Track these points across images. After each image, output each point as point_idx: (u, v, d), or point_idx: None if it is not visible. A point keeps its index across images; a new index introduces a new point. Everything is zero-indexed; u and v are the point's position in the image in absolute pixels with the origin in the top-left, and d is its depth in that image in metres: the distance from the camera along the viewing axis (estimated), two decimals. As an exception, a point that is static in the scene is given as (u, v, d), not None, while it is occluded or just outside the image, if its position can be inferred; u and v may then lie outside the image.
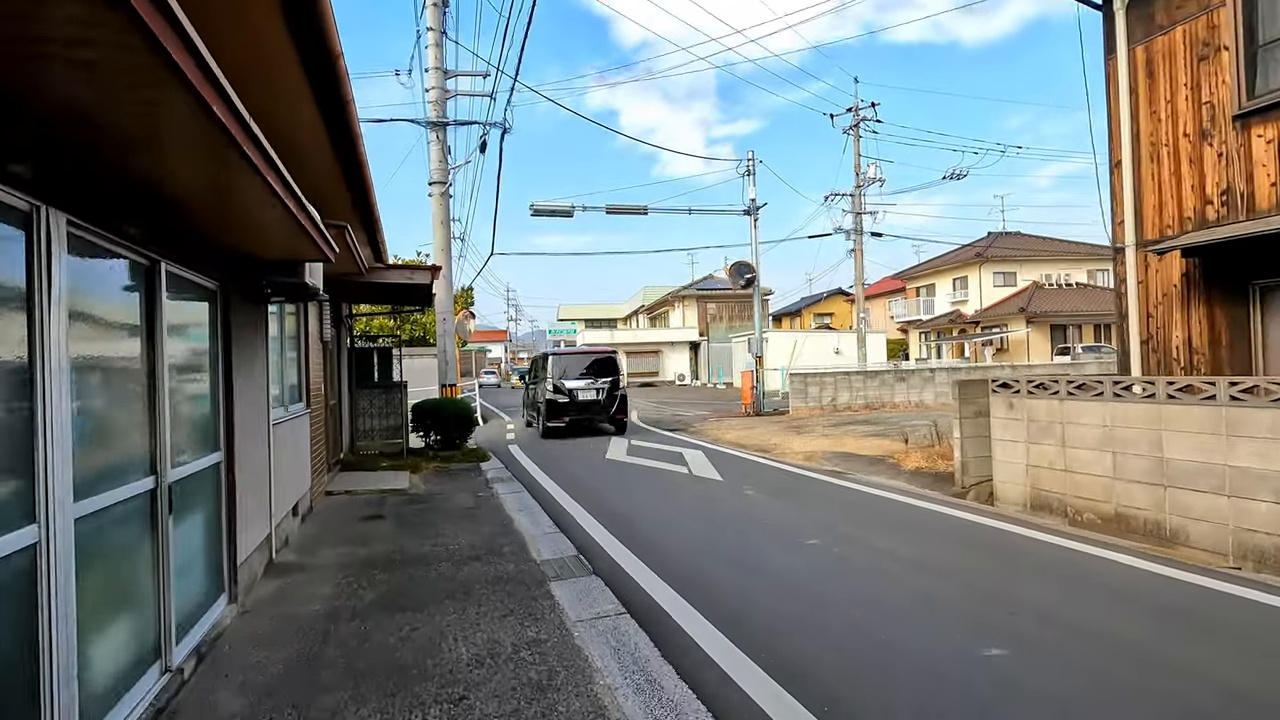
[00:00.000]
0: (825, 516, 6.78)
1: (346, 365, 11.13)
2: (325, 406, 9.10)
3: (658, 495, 8.22)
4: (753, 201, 21.48)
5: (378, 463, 10.49)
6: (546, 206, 20.54)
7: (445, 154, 12.71)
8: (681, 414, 20.59)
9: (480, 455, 11.61)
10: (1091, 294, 37.69)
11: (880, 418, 15.97)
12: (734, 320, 44.34)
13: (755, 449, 12.04)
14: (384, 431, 11.33)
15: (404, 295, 9.98)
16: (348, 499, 8.20)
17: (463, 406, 11.92)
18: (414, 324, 21.50)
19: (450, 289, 12.91)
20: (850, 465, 9.85)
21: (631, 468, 10.29)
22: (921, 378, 19.20)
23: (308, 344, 7.43)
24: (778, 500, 7.59)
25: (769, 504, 7.44)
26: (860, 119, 29.58)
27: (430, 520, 6.94)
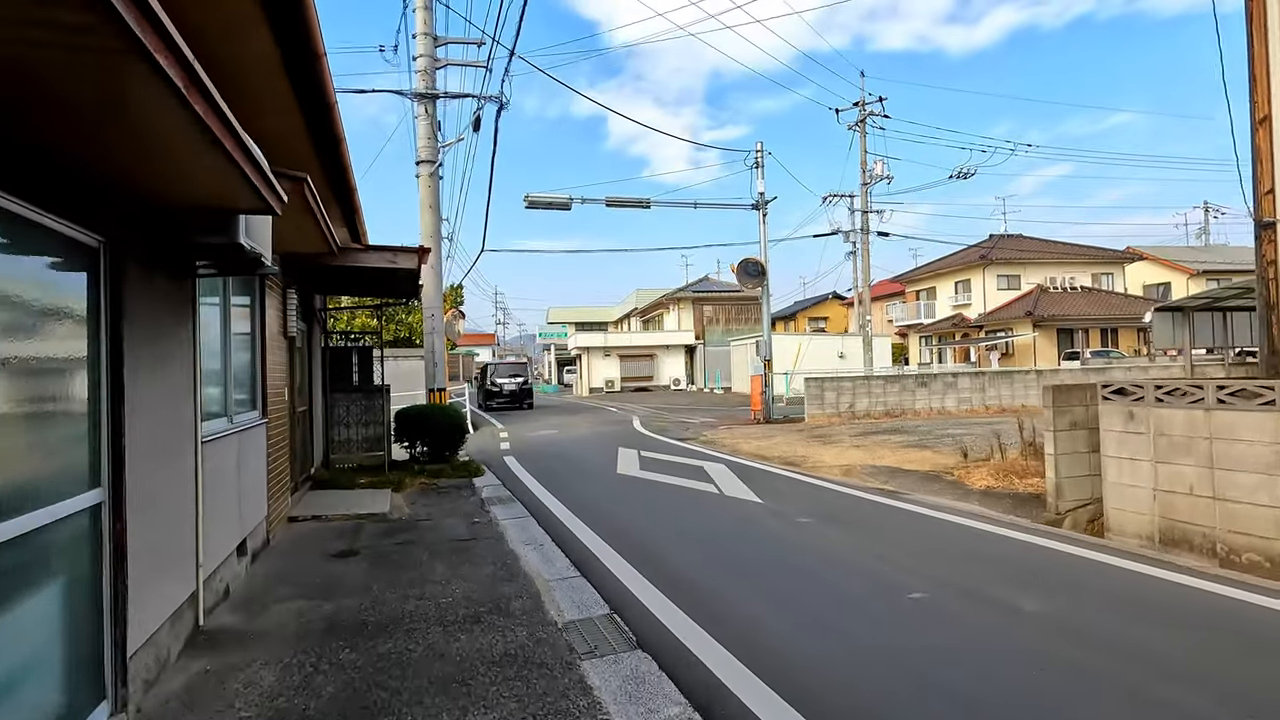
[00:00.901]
0: (910, 555, 5.47)
1: (321, 366, 9.72)
2: (291, 414, 7.69)
3: (690, 523, 6.88)
4: (761, 195, 20.26)
5: (355, 479, 9.08)
6: (543, 199, 19.21)
7: (435, 130, 11.34)
8: (685, 420, 19.27)
9: (473, 469, 10.22)
10: (1097, 297, 36.85)
11: (907, 426, 14.74)
12: (731, 323, 43.13)
13: (782, 462, 10.74)
14: (363, 442, 9.92)
15: (386, 284, 8.60)
16: (316, 526, 6.80)
17: (452, 414, 10.54)
18: (399, 323, 20.08)
19: (439, 282, 11.53)
20: (902, 483, 8.57)
21: (650, 486, 8.94)
22: (944, 383, 18.03)
23: (264, 339, 6.04)
24: (840, 530, 6.28)
25: (832, 536, 6.12)
26: (867, 114, 28.51)
27: (415, 558, 5.56)
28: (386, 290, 9.33)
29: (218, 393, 4.79)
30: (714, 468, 10.04)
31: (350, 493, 8.43)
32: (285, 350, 7.15)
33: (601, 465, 10.79)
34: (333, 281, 8.42)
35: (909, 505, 7.18)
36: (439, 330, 11.41)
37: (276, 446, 6.50)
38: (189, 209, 3.18)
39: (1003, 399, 18.34)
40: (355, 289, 9.41)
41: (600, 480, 9.49)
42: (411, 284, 8.44)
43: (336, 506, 7.55)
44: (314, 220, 4.87)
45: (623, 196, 19.79)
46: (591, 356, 41.94)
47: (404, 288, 8.73)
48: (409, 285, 8.52)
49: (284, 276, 7.02)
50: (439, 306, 11.44)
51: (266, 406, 6.03)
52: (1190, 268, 40.62)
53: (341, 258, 6.99)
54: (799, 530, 6.29)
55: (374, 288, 9.10)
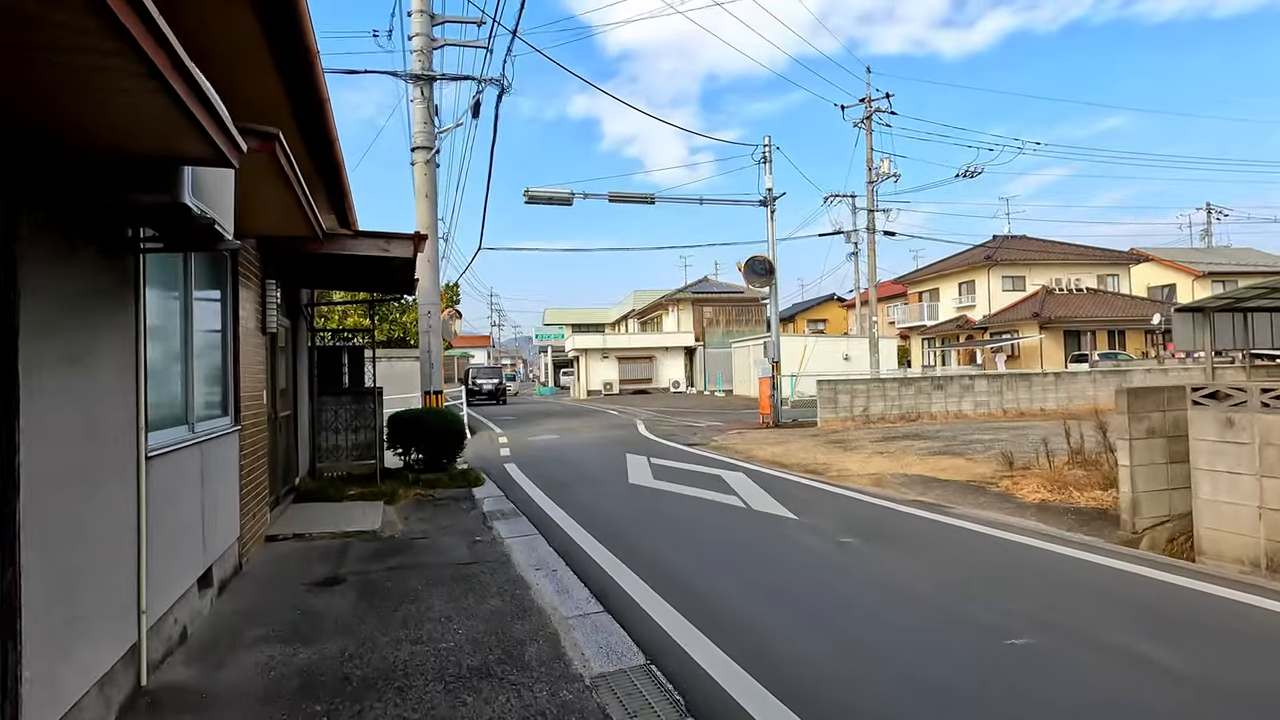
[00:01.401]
0: (984, 585, 4.75)
1: (307, 367, 8.95)
2: (271, 420, 6.93)
3: (719, 543, 6.15)
4: (769, 191, 19.57)
5: (344, 490, 8.31)
6: (543, 193, 18.48)
7: (431, 114, 10.60)
8: (692, 424, 18.54)
9: (472, 478, 9.47)
10: (1103, 299, 36.33)
11: (927, 431, 14.04)
12: (731, 325, 42.44)
13: (804, 470, 10.02)
14: (353, 450, 9.16)
15: (379, 276, 7.85)
16: (298, 547, 6.04)
17: (450, 419, 9.78)
18: (393, 323, 19.30)
19: (436, 277, 10.78)
20: (942, 494, 7.85)
21: (666, 498, 8.20)
22: (960, 386, 17.35)
23: (238, 335, 5.29)
24: (892, 552, 5.56)
25: (886, 560, 5.39)
26: (873, 110, 27.88)
27: (410, 587, 4.81)
28: (379, 283, 8.57)
29: (176, 397, 4.04)
30: (733, 477, 9.30)
31: (338, 506, 7.67)
32: (265, 349, 6.40)
33: (611, 474, 10.04)
34: (320, 273, 7.67)
35: (960, 521, 6.46)
36: (435, 329, 10.66)
37: (253, 456, 5.75)
38: (115, 156, 2.43)
39: (1020, 403, 17.68)
40: (345, 282, 8.65)
41: (611, 491, 8.75)
42: (406, 275, 7.69)
43: (322, 522, 6.78)
44: (291, 192, 4.12)
45: (626, 192, 19.09)
46: (589, 358, 41.19)
47: (398, 280, 7.98)
48: (404, 277, 7.77)
49: (263, 265, 6.27)
50: (436, 303, 10.69)
51: (240, 412, 5.28)
52: (1196, 269, 40.15)
53: (329, 245, 6.24)
54: (845, 553, 5.56)
55: (365, 280, 8.35)
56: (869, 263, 28.80)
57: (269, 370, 7.00)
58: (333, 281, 8.57)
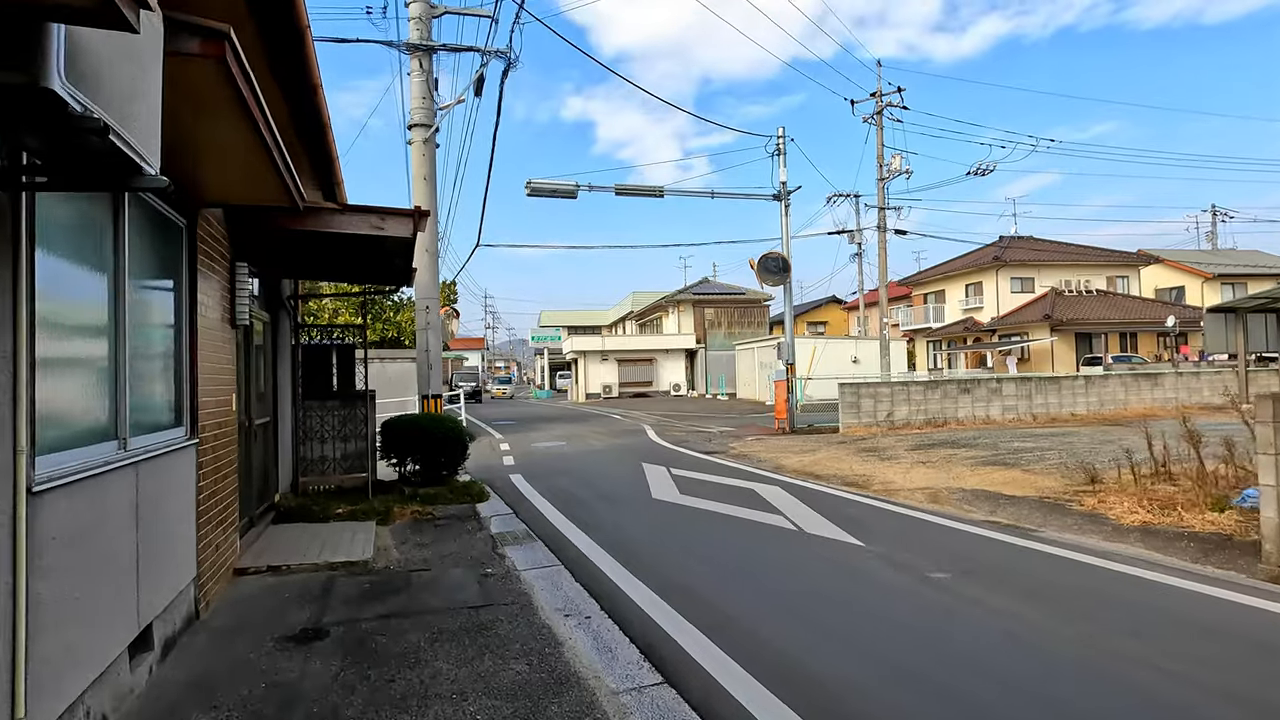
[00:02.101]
0: (1131, 638, 3.77)
1: (290, 368, 7.92)
2: (244, 429, 5.90)
3: (782, 578, 5.15)
4: (783, 185, 18.64)
5: (331, 508, 7.27)
6: (546, 186, 17.50)
7: (430, 89, 9.59)
8: (702, 430, 17.54)
9: (476, 492, 8.44)
10: (1114, 301, 35.59)
11: (960, 438, 13.09)
12: (733, 327, 41.50)
13: (843, 483, 9.03)
14: (342, 461, 8.11)
15: (372, 262, 6.82)
16: (273, 584, 5.00)
17: (451, 426, 8.75)
18: (386, 322, 18.25)
19: (435, 270, 9.76)
20: (1013, 513, 6.88)
21: (701, 518, 7.19)
22: (988, 389, 16.42)
23: (196, 328, 4.27)
24: (999, 593, 4.56)
25: (996, 604, 4.40)
26: (884, 105, 27.03)
27: (409, 644, 3.79)
28: (372, 272, 7.53)
29: (97, 404, 3.02)
30: (769, 491, 8.31)
31: (324, 528, 6.63)
32: (234, 345, 5.37)
33: (630, 487, 9.02)
34: (304, 259, 6.64)
35: (1058, 549, 5.48)
36: (435, 326, 9.64)
37: (217, 474, 4.72)
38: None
39: (1049, 407, 16.77)
40: (334, 270, 7.62)
41: (635, 508, 7.73)
42: (403, 263, 6.66)
43: (304, 550, 5.75)
44: (255, 136, 3.11)
45: (634, 185, 18.13)
46: (588, 360, 40.17)
47: (394, 268, 6.96)
48: (400, 265, 6.75)
49: (231, 244, 5.24)
50: (435, 298, 9.66)
51: (198, 421, 4.25)
52: (1206, 271, 39.49)
53: (312, 221, 5.23)
54: (944, 595, 4.56)
55: (357, 268, 7.32)
56: (880, 262, 27.92)
57: (243, 370, 5.97)
58: (319, 270, 7.54)
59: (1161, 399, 18.00)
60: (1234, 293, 39.55)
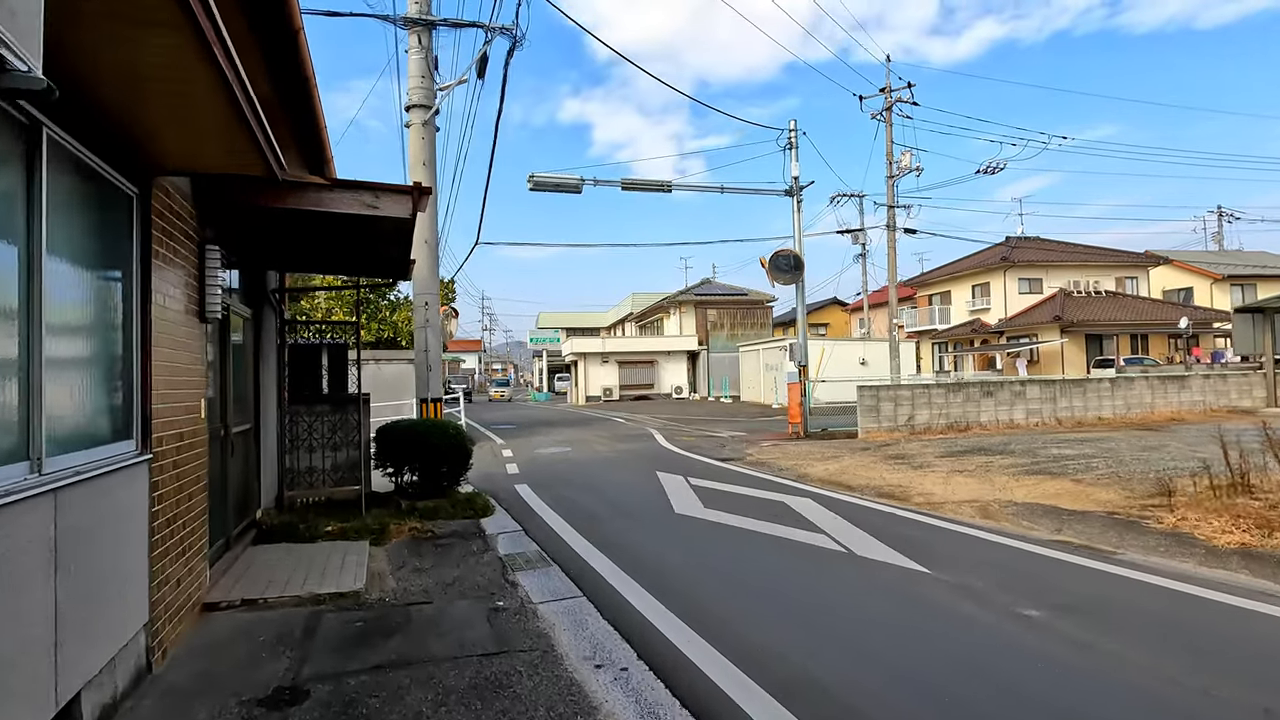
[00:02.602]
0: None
1: (275, 369, 7.17)
2: (219, 438, 5.16)
3: (848, 616, 4.42)
4: (795, 180, 17.96)
5: (320, 525, 6.52)
6: (549, 179, 16.77)
7: (430, 67, 8.86)
8: (713, 434, 16.81)
9: (479, 505, 7.71)
10: (1124, 302, 34.98)
11: (990, 444, 12.39)
12: (736, 328, 40.81)
13: (878, 494, 8.31)
14: (332, 471, 7.36)
15: (365, 251, 6.07)
16: (246, 622, 4.26)
17: (452, 433, 8.00)
18: (382, 322, 17.49)
19: (435, 263, 9.03)
20: (1081, 531, 6.17)
21: (733, 536, 6.46)
22: (1011, 392, 15.73)
23: (148, 318, 3.54)
24: (1107, 635, 3.84)
25: (1109, 650, 3.67)
26: (893, 101, 26.39)
27: (407, 709, 3.06)
28: (366, 262, 6.78)
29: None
30: (802, 504, 7.59)
31: (311, 549, 5.89)
32: (204, 343, 4.63)
33: (647, 499, 8.29)
34: (289, 245, 5.90)
35: (1155, 578, 4.77)
36: (434, 324, 8.90)
37: (180, 494, 3.98)
38: None
39: (1074, 410, 16.09)
40: (323, 260, 6.86)
41: (657, 525, 7.00)
42: (401, 250, 5.92)
43: (286, 577, 5.00)
44: (213, 70, 2.38)
45: (641, 179, 17.41)
46: (588, 363, 39.41)
47: (390, 258, 6.21)
48: (397, 253, 6.00)
49: (200, 223, 4.51)
50: (434, 293, 8.93)
51: (151, 432, 3.51)
52: (1215, 272, 38.94)
53: (296, 198, 4.49)
54: (1049, 639, 3.83)
55: (349, 257, 6.56)
56: (889, 262, 27.24)
57: (218, 371, 5.24)
58: (307, 260, 6.79)
59: (1189, 402, 17.34)
60: (1243, 294, 39.00)
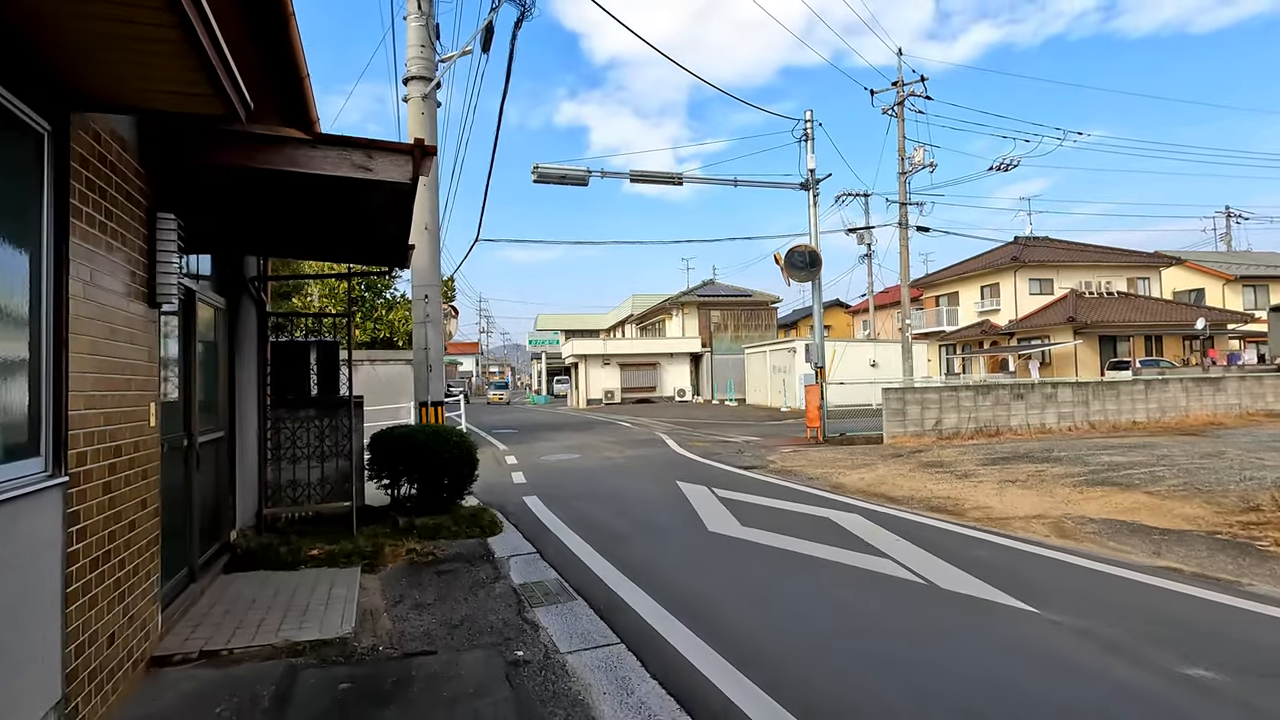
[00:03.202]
0: None
1: (256, 369, 6.31)
2: (181, 450, 4.30)
3: (968, 680, 3.57)
4: (811, 173, 17.17)
5: (304, 547, 5.65)
6: (554, 171, 15.95)
7: (431, 36, 8.02)
8: (726, 440, 15.96)
9: (486, 521, 6.86)
10: (1137, 303, 34.24)
11: (1031, 450, 11.57)
12: (740, 329, 40.01)
13: (927, 507, 7.48)
14: (320, 485, 6.48)
15: (357, 229, 5.19)
16: (203, 683, 3.39)
17: (456, 441, 7.13)
18: (378, 321, 16.60)
19: (437, 251, 8.17)
20: (1181, 554, 5.34)
21: (783, 561, 5.61)
22: (1041, 395, 14.92)
23: (63, 298, 2.69)
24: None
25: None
26: (906, 94, 25.63)
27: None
28: (359, 242, 5.87)
29: None
30: (850, 521, 6.75)
31: (292, 577, 5.03)
32: (154, 332, 3.76)
33: (674, 514, 7.44)
34: (266, 219, 5.03)
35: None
36: (435, 319, 8.04)
37: (116, 523, 3.12)
38: None
39: (1107, 414, 15.29)
40: (308, 241, 5.93)
41: (692, 546, 6.14)
42: (398, 228, 5.06)
43: (260, 617, 4.14)
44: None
45: (651, 170, 16.60)
46: (589, 365, 38.54)
47: (386, 237, 5.34)
48: (394, 231, 5.14)
49: (151, 184, 3.65)
50: (435, 285, 8.07)
51: (66, 446, 2.66)
52: (1228, 273, 38.28)
53: (270, 155, 3.65)
54: (1245, 716, 2.99)
55: (338, 234, 5.65)
56: (901, 260, 26.43)
57: (184, 370, 4.39)
58: (291, 241, 5.89)
59: (1224, 405, 16.56)
60: (1255, 295, 38.34)
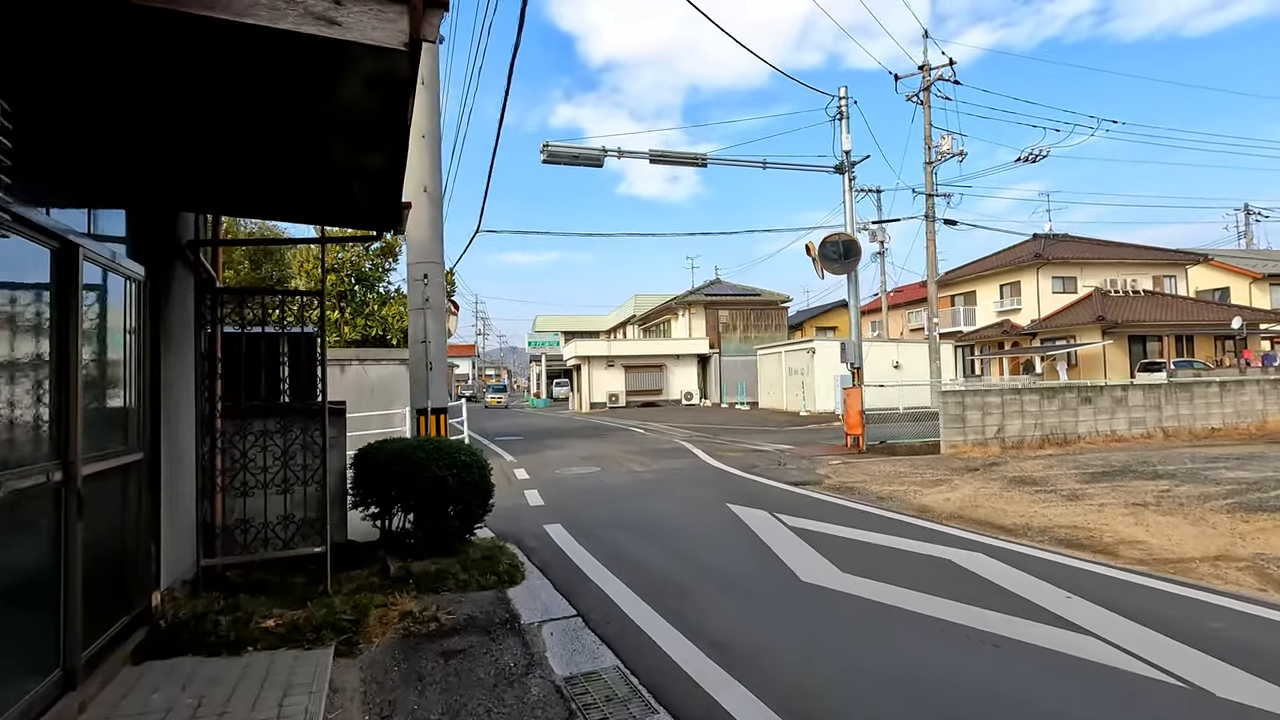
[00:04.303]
0: None
1: (196, 365, 4.70)
2: (50, 490, 2.67)
3: None
4: (846, 155, 15.60)
5: (256, 614, 4.04)
6: (566, 151, 14.39)
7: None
8: (755, 447, 14.34)
9: (503, 565, 5.26)
10: (1165, 302, 32.82)
11: (1126, 462, 10.02)
12: (749, 330, 38.45)
13: (1054, 540, 5.90)
14: (282, 524, 4.86)
15: (326, 155, 3.56)
16: None
17: (464, 459, 5.49)
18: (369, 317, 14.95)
19: (439, 220, 6.56)
20: None
21: (929, 634, 4.01)
22: (1111, 399, 13.37)
23: None
24: None
25: None
26: (935, 78, 24.16)
27: None
28: (331, 184, 4.21)
29: None
30: (979, 564, 5.16)
31: (230, 667, 3.42)
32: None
33: (743, 554, 5.83)
34: (190, 145, 3.44)
35: None
36: (437, 306, 6.44)
37: None
38: None
39: (1180, 420, 13.76)
40: (259, 177, 4.20)
41: (791, 608, 4.53)
42: (388, 150, 3.43)
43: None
44: None
45: (672, 151, 15.03)
46: (592, 366, 36.92)
47: (369, 168, 3.70)
48: (381, 157, 3.50)
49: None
50: (437, 262, 6.46)
51: None
52: (1255, 271, 36.93)
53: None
54: None
55: (299, 168, 3.97)
56: (928, 255, 24.96)
57: (58, 364, 2.79)
58: (236, 185, 4.22)
59: (1303, 409, 15.04)
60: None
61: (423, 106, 6.51)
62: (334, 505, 5.80)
